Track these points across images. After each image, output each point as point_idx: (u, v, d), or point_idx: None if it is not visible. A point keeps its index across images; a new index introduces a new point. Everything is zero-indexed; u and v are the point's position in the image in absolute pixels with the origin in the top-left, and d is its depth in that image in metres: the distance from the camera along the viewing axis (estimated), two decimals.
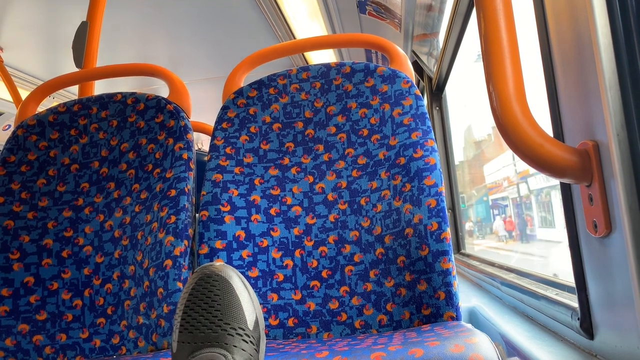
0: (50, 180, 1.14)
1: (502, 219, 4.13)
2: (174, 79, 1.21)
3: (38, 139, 1.18)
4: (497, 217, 4.24)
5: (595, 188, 0.64)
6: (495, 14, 0.67)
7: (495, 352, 0.61)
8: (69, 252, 1.07)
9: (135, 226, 1.05)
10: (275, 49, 1.25)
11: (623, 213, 0.58)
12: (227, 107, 1.15)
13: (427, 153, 0.98)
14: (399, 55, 1.16)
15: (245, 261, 1.00)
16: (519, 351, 0.88)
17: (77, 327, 1.02)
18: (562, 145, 0.65)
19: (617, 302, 0.63)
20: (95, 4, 1.70)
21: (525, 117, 0.65)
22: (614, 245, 0.62)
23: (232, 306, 0.60)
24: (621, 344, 0.63)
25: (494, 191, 4.00)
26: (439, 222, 0.91)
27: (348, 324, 0.95)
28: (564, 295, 0.90)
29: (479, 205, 4.53)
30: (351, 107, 1.10)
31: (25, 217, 1.10)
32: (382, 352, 0.64)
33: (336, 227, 1.02)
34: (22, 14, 2.43)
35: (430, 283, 0.89)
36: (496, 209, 4.22)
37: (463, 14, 1.78)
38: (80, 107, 1.20)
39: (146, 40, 2.86)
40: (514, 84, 0.66)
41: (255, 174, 1.08)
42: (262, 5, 2.47)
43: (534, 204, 3.04)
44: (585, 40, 0.63)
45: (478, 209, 4.56)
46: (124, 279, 1.02)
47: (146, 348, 0.95)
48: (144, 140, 1.13)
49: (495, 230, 4.26)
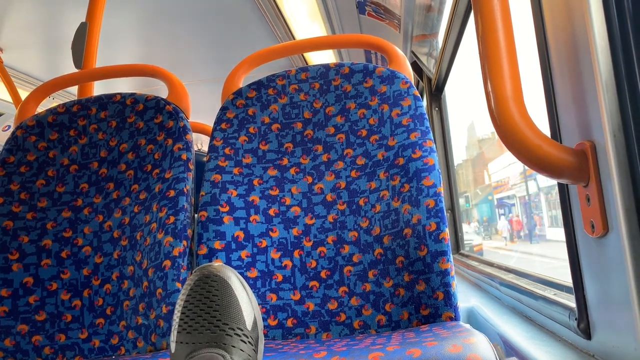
0: (50, 181, 1.14)
1: (507, 219, 4.12)
2: (173, 79, 1.21)
3: (37, 140, 1.18)
4: (502, 216, 4.23)
5: (593, 188, 0.64)
6: (493, 15, 0.67)
7: (493, 352, 0.62)
8: (68, 253, 1.08)
9: (135, 227, 1.05)
10: (274, 49, 1.25)
11: (620, 213, 0.58)
12: (226, 107, 1.15)
13: (426, 154, 0.98)
14: (398, 55, 1.16)
15: (244, 262, 1.00)
16: (517, 351, 0.88)
17: (76, 328, 1.02)
18: (560, 145, 0.66)
19: (614, 303, 0.63)
20: (94, 5, 1.70)
21: (522, 118, 0.65)
22: (610, 245, 0.62)
23: (230, 306, 0.61)
24: (618, 344, 0.63)
25: (499, 190, 3.98)
26: (437, 222, 0.91)
27: (347, 324, 0.95)
28: (562, 295, 0.90)
29: (483, 204, 4.52)
30: (350, 107, 1.10)
31: (24, 217, 1.11)
32: (380, 352, 0.64)
33: (335, 227, 1.02)
34: (21, 15, 2.43)
35: (429, 283, 0.89)
36: (502, 208, 4.20)
37: (462, 15, 1.79)
38: (80, 108, 1.20)
39: (145, 41, 2.86)
40: (512, 84, 0.66)
41: (254, 174, 1.09)
42: (262, 6, 2.47)
43: (542, 202, 3.01)
44: (582, 42, 0.63)
45: (483, 209, 4.55)
46: (123, 279, 1.02)
47: (145, 348, 0.95)
48: (143, 140, 1.13)
49: (500, 230, 4.25)
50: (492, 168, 4.02)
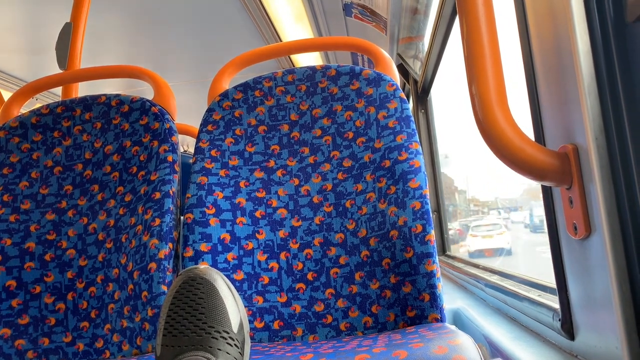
0: (33, 183, 1.13)
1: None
2: (159, 81, 1.21)
3: (20, 141, 1.17)
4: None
5: (575, 191, 0.65)
6: (477, 19, 0.68)
7: (478, 353, 0.62)
8: (52, 256, 1.06)
9: (120, 229, 1.04)
10: (261, 51, 1.25)
11: (602, 215, 0.59)
12: (213, 109, 1.14)
13: (412, 156, 0.99)
14: (384, 58, 1.17)
15: (231, 264, 1.00)
16: (501, 352, 0.89)
17: (60, 331, 1.01)
18: (543, 148, 0.67)
19: (596, 303, 0.64)
20: (79, 5, 1.68)
21: (506, 121, 0.66)
22: (593, 247, 0.63)
23: (216, 309, 0.60)
24: (600, 344, 0.64)
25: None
26: (423, 224, 0.92)
27: (333, 326, 0.95)
28: (547, 296, 0.92)
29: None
30: (336, 109, 1.11)
31: (7, 220, 1.09)
32: (367, 355, 0.64)
33: (321, 229, 1.02)
34: (4, 15, 2.40)
35: (415, 285, 0.89)
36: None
37: (448, 17, 1.80)
38: (64, 109, 1.19)
39: (131, 42, 2.84)
40: (496, 87, 0.67)
41: (240, 176, 1.08)
42: (248, 7, 2.47)
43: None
44: (565, 47, 0.64)
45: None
46: (107, 282, 1.02)
47: (130, 352, 0.94)
48: (128, 142, 1.12)
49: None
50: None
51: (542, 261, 3.29)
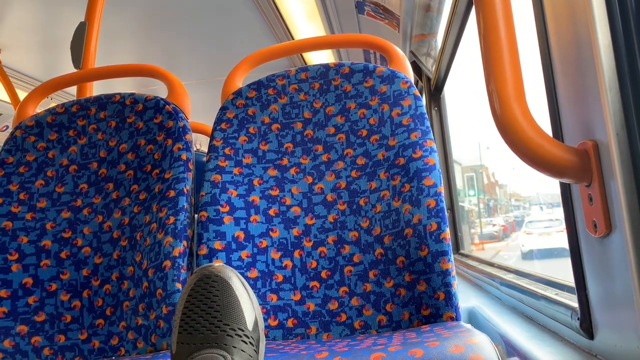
0: (49, 181, 1.14)
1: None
2: (173, 79, 1.21)
3: (36, 140, 1.18)
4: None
5: (595, 188, 0.63)
6: (495, 15, 0.67)
7: (495, 352, 0.61)
8: (68, 253, 1.07)
9: (134, 227, 1.05)
10: (273, 49, 1.24)
11: (623, 213, 0.58)
12: (226, 107, 1.14)
13: (426, 153, 0.98)
14: (398, 55, 1.16)
15: (245, 262, 1.00)
16: (518, 351, 0.88)
17: (75, 329, 1.02)
18: (562, 145, 0.65)
19: (617, 302, 0.63)
20: (93, 5, 1.69)
21: (524, 117, 0.65)
22: (613, 245, 0.62)
23: (231, 307, 0.60)
24: (621, 343, 0.63)
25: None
26: (438, 222, 0.91)
27: (347, 324, 0.94)
28: (564, 295, 0.90)
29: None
30: (350, 107, 1.10)
31: (23, 218, 1.10)
32: (382, 353, 0.64)
33: (335, 227, 1.02)
34: (20, 15, 2.43)
35: (430, 283, 0.88)
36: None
37: (462, 14, 1.78)
38: (79, 108, 1.20)
39: (144, 41, 2.86)
40: (514, 84, 0.66)
41: (254, 174, 1.08)
42: (261, 6, 2.47)
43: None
44: (585, 40, 0.63)
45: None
46: (122, 279, 1.02)
47: (145, 349, 0.94)
48: (142, 141, 1.13)
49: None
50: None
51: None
